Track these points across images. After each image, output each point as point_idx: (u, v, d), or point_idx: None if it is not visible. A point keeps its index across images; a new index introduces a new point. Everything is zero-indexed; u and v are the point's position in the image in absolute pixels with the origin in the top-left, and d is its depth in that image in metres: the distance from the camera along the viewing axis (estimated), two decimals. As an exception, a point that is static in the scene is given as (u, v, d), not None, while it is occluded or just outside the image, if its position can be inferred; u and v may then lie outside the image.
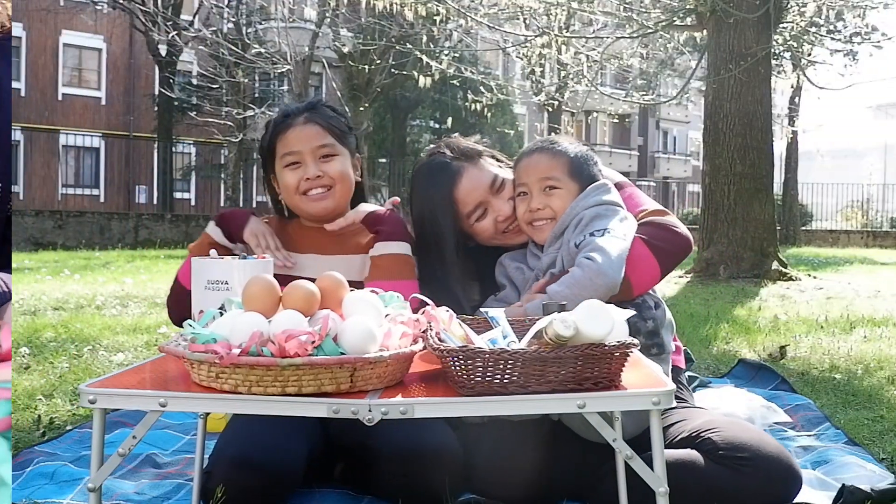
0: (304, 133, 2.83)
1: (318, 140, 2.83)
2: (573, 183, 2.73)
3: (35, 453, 2.97)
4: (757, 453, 2.32)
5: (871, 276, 12.37)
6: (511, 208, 2.82)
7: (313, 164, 2.81)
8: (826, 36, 15.53)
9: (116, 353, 5.04)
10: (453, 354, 1.74)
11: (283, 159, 2.84)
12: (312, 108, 2.90)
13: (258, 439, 2.38)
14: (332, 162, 2.83)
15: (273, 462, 2.36)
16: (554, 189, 2.72)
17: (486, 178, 2.85)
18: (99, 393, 1.72)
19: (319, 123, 2.85)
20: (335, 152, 2.85)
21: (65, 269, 11.85)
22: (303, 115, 2.87)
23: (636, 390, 1.75)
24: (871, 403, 3.84)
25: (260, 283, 1.86)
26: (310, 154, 2.82)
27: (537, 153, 2.79)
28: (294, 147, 2.82)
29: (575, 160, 2.76)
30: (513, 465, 2.44)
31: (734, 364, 4.71)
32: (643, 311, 2.55)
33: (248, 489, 2.31)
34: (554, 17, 14.01)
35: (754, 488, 2.30)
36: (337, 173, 2.83)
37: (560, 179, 2.73)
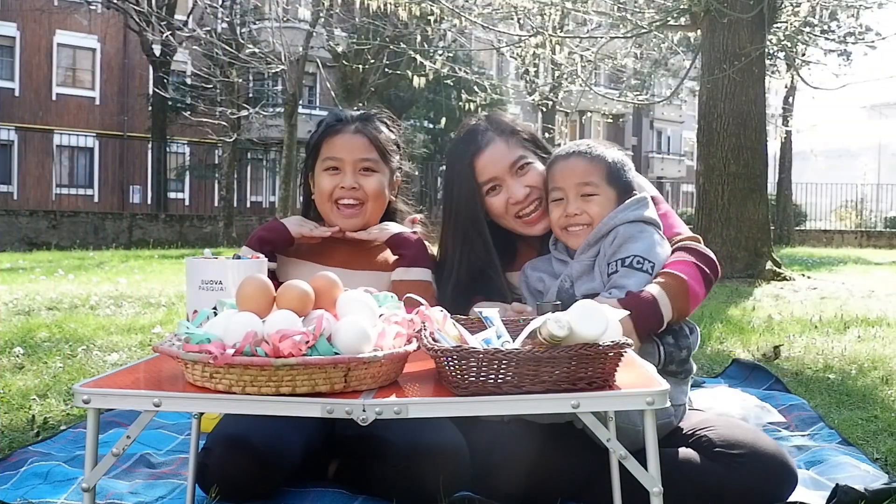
0: (350, 142, 2.86)
1: (362, 153, 2.86)
2: (611, 189, 2.68)
3: (29, 453, 2.97)
4: (752, 450, 2.33)
5: (865, 276, 12.39)
6: (525, 194, 2.79)
7: (352, 174, 2.85)
8: (820, 36, 15.54)
9: (110, 353, 5.04)
10: (447, 354, 1.74)
11: (325, 162, 2.87)
12: (367, 119, 2.93)
13: (256, 423, 2.41)
14: (370, 177, 2.87)
15: (269, 447, 2.39)
16: (592, 196, 2.66)
17: (510, 156, 2.83)
18: (93, 393, 1.72)
19: (368, 136, 2.88)
20: (376, 169, 2.88)
21: (59, 268, 11.84)
22: (355, 123, 2.90)
23: (630, 390, 1.75)
24: (864, 403, 3.85)
25: (254, 283, 1.86)
26: (350, 164, 2.85)
27: (574, 157, 2.71)
28: (337, 153, 2.86)
29: (612, 166, 2.70)
30: (512, 463, 2.44)
31: (728, 364, 4.72)
32: (680, 339, 2.54)
33: (243, 469, 2.36)
34: (548, 17, 14.00)
35: (750, 485, 2.31)
36: (372, 190, 2.87)
37: (598, 185, 2.67)
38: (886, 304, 8.06)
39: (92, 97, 35.86)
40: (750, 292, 9.39)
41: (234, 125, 24.78)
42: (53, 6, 33.38)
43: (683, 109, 46.25)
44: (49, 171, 32.85)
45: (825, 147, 46.86)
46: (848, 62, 26.09)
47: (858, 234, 27.97)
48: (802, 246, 25.43)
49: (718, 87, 11.09)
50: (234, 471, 2.36)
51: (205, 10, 25.15)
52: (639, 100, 18.81)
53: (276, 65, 21.27)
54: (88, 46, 35.55)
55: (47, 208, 26.23)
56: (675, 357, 2.50)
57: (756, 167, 11.20)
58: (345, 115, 2.94)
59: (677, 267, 2.54)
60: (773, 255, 11.55)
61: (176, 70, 31.93)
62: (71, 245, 20.18)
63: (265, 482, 2.42)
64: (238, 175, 29.73)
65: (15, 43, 33.79)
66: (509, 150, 2.83)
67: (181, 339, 1.83)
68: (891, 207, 32.75)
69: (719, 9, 10.85)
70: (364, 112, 2.99)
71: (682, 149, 56.24)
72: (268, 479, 2.42)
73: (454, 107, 26.93)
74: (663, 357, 2.48)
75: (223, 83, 23.42)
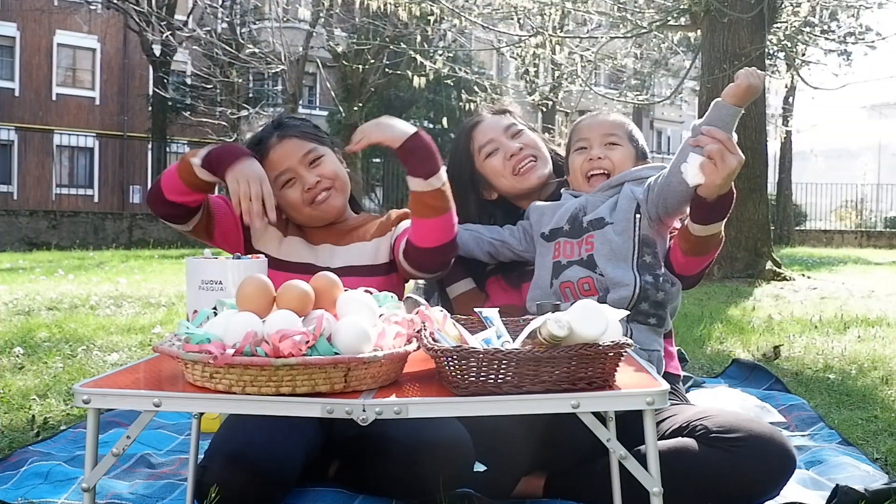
0: (283, 150, 2.86)
1: (301, 150, 2.87)
2: (631, 147, 2.84)
3: (29, 453, 2.97)
4: (749, 433, 2.33)
5: (865, 276, 12.40)
6: (519, 148, 3.01)
7: (306, 172, 2.85)
8: (820, 36, 15.55)
9: (110, 353, 5.04)
10: (447, 354, 1.74)
11: (278, 181, 2.85)
12: (280, 125, 2.95)
13: (254, 438, 2.38)
14: (322, 164, 2.88)
15: (268, 462, 2.35)
16: (615, 145, 2.81)
17: (503, 123, 3.08)
18: (93, 393, 1.72)
19: (293, 135, 2.89)
20: (320, 153, 2.89)
21: (59, 269, 11.84)
22: (273, 134, 2.90)
23: (630, 390, 1.75)
24: (864, 403, 3.85)
25: (254, 283, 1.86)
26: (299, 165, 2.85)
27: (600, 116, 2.91)
28: (282, 166, 2.85)
29: (633, 129, 2.89)
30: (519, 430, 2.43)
31: (728, 364, 4.72)
32: (660, 281, 2.58)
33: (242, 487, 2.31)
34: (548, 17, 14.00)
35: (749, 467, 2.30)
36: (331, 171, 2.88)
37: (622, 138, 2.83)
38: (886, 304, 8.07)
39: (92, 97, 35.84)
40: (750, 292, 9.40)
41: (234, 125, 24.79)
42: (53, 6, 33.36)
43: (683, 109, 46.23)
44: (49, 171, 32.84)
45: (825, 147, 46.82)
46: (848, 62, 26.10)
47: (858, 234, 27.96)
48: (802, 246, 25.43)
49: (718, 87, 11.04)
50: (232, 488, 2.31)
51: (205, 10, 25.18)
52: (639, 100, 18.81)
53: (276, 65, 21.30)
54: (88, 46, 35.53)
55: (47, 208, 26.22)
56: (650, 296, 2.54)
57: (756, 167, 11.20)
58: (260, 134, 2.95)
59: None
60: (773, 255, 11.55)
61: (176, 70, 31.91)
62: (71, 245, 20.18)
63: (265, 499, 2.40)
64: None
65: (15, 43, 33.77)
66: (502, 119, 3.10)
67: (181, 339, 1.83)
68: (891, 207, 32.75)
69: (719, 9, 10.86)
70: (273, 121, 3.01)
71: (682, 149, 56.14)
72: (268, 496, 2.39)
73: (454, 107, 26.93)
74: (638, 291, 2.54)
75: (223, 83, 23.45)
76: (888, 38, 14.97)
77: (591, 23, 16.14)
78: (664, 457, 1.79)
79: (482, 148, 3.04)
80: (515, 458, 2.50)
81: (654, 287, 2.56)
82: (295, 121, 2.99)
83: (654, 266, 2.62)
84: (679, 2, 12.25)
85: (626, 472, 1.79)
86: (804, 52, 16.37)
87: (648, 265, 2.61)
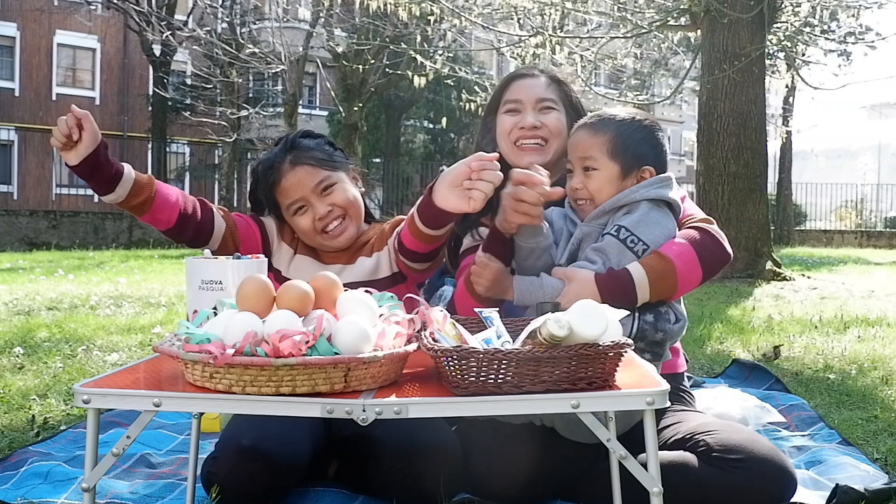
0: (296, 178, 2.84)
1: (313, 179, 2.84)
2: (612, 164, 2.61)
3: (29, 453, 2.97)
4: (750, 454, 2.32)
5: (865, 277, 12.39)
6: (531, 125, 2.87)
7: (318, 202, 2.83)
8: (820, 36, 15.54)
9: (110, 352, 5.04)
10: (447, 354, 1.74)
11: (289, 209, 2.86)
12: (293, 147, 2.90)
13: (265, 429, 2.40)
14: (334, 192, 2.85)
15: (279, 452, 2.38)
16: (591, 170, 2.62)
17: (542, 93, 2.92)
18: (93, 393, 1.72)
19: (306, 163, 2.86)
20: (333, 181, 2.86)
21: (59, 269, 11.84)
22: (286, 160, 2.87)
23: (630, 390, 1.75)
24: (864, 403, 3.85)
25: (254, 282, 1.86)
26: (312, 195, 2.83)
27: (580, 130, 2.69)
28: (294, 195, 2.84)
29: (617, 139, 2.62)
30: (506, 464, 2.44)
31: (728, 364, 4.72)
32: (660, 321, 2.50)
33: (254, 477, 2.35)
34: (548, 17, 14.00)
35: (748, 489, 2.29)
36: (344, 201, 2.86)
37: (598, 160, 2.61)
38: (886, 304, 8.06)
39: (92, 97, 35.83)
40: (750, 292, 9.39)
41: (234, 125, 24.81)
42: (53, 6, 33.38)
43: (683, 109, 46.23)
44: (49, 171, 32.82)
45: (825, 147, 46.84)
46: (848, 62, 26.09)
47: (858, 234, 27.95)
48: (802, 246, 25.43)
49: (718, 87, 11.09)
50: (246, 480, 2.34)
51: (205, 10, 25.18)
52: (639, 100, 18.78)
53: (276, 65, 21.30)
54: (88, 46, 35.54)
55: (47, 208, 26.23)
56: (648, 336, 2.46)
57: (756, 167, 11.20)
58: (272, 158, 2.91)
59: (671, 248, 2.52)
60: (773, 255, 11.55)
61: (176, 70, 31.92)
62: (71, 245, 20.19)
63: (277, 489, 2.41)
64: (238, 175, 29.68)
65: (15, 43, 33.77)
66: (544, 90, 2.94)
67: (181, 339, 1.83)
68: (891, 207, 32.74)
69: (719, 9, 10.86)
70: (285, 141, 2.96)
71: (682, 149, 56.21)
72: (280, 487, 2.41)
73: (454, 107, 26.97)
74: (635, 331, 2.46)
75: (223, 83, 23.45)
76: (888, 38, 14.99)
77: (590, 23, 16.14)
78: (663, 470, 1.78)
79: (507, 102, 2.95)
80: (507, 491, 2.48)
81: (652, 327, 2.47)
82: (309, 142, 2.94)
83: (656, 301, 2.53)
84: (679, 2, 12.25)
85: (626, 472, 1.79)
86: (804, 52, 16.38)
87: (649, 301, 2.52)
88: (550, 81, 2.97)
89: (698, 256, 2.54)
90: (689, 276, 2.52)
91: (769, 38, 12.29)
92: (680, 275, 2.48)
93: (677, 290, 2.51)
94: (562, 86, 2.98)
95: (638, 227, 2.52)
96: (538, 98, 2.91)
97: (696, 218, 2.72)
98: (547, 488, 2.49)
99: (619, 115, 2.70)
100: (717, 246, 2.63)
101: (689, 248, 2.54)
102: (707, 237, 2.61)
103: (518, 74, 3.03)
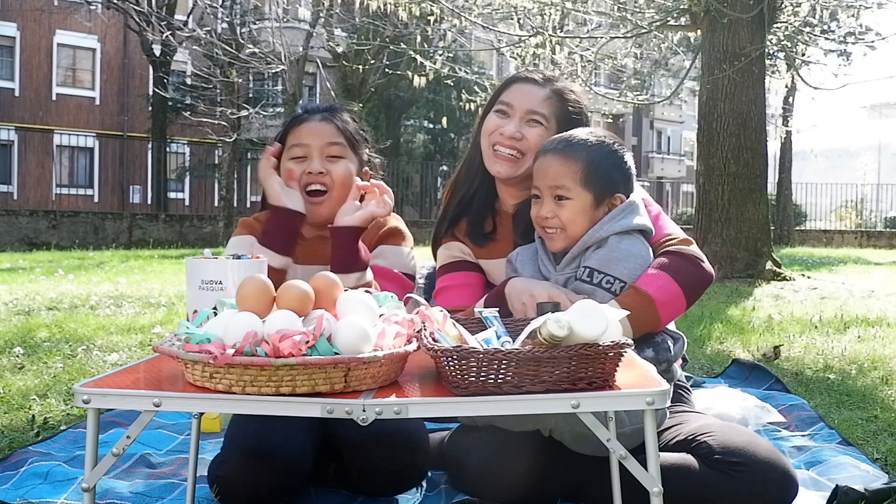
0: (316, 127, 2.81)
1: (329, 137, 2.80)
2: (586, 193, 2.53)
3: (29, 453, 2.97)
4: (751, 458, 2.31)
5: (865, 277, 12.39)
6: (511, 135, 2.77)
7: (319, 159, 2.77)
8: (820, 36, 15.53)
9: (110, 352, 5.04)
10: (447, 354, 1.74)
11: (291, 150, 2.80)
12: (332, 109, 2.90)
13: (269, 429, 2.41)
14: (337, 163, 2.79)
15: (284, 452, 2.39)
16: (564, 199, 2.53)
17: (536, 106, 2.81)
18: (93, 393, 1.72)
19: (335, 123, 2.83)
20: (343, 154, 2.81)
21: (59, 269, 11.84)
22: (321, 112, 2.86)
23: (630, 390, 1.75)
24: (864, 403, 3.85)
25: (254, 282, 1.86)
26: (317, 149, 2.78)
27: (550, 155, 2.57)
28: (304, 140, 2.79)
29: (590, 166, 2.53)
30: (510, 470, 2.44)
31: (728, 364, 4.72)
32: (660, 352, 2.49)
33: (261, 478, 2.35)
34: (548, 17, 14.00)
35: (749, 492, 2.28)
36: (339, 176, 2.78)
37: (570, 189, 2.53)
38: (886, 304, 8.06)
39: (92, 97, 35.86)
40: (750, 292, 9.39)
41: (234, 125, 24.77)
42: (53, 6, 33.39)
43: (683, 109, 46.26)
44: (49, 171, 32.86)
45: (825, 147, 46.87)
46: (848, 62, 26.08)
47: (858, 234, 27.95)
48: (802, 246, 25.44)
49: (718, 87, 11.09)
50: (253, 480, 2.34)
51: (205, 10, 25.16)
52: (639, 100, 18.81)
53: (276, 65, 21.29)
54: (88, 46, 35.55)
55: (47, 208, 26.24)
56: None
57: (756, 167, 11.20)
58: (311, 107, 2.91)
59: (648, 282, 2.48)
60: (773, 255, 11.55)
61: (176, 70, 31.94)
62: (71, 245, 20.19)
63: (283, 490, 2.41)
64: (238, 175, 29.68)
65: (15, 43, 33.79)
66: (540, 104, 2.82)
67: (181, 339, 1.83)
68: (891, 207, 32.76)
69: (719, 9, 10.86)
70: (331, 104, 2.96)
71: (682, 149, 56.25)
72: (286, 487, 2.41)
73: (454, 107, 26.99)
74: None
75: (223, 83, 23.42)
76: (888, 38, 14.96)
77: (590, 23, 16.13)
78: (664, 472, 1.78)
79: (498, 102, 2.87)
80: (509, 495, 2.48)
81: (655, 360, 2.43)
82: (349, 118, 2.91)
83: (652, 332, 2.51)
84: (679, 2, 12.25)
85: (626, 473, 1.79)
86: (804, 52, 16.37)
87: (645, 334, 2.49)
88: (552, 95, 2.83)
89: (678, 284, 2.50)
90: (671, 306, 2.49)
91: (769, 38, 12.29)
92: (661, 306, 2.46)
93: (661, 321, 2.48)
94: (564, 104, 2.84)
95: (609, 264, 2.48)
96: (529, 109, 2.80)
97: (675, 239, 2.66)
98: (550, 492, 2.49)
99: (589, 139, 2.59)
100: (696, 268, 2.59)
101: (667, 278, 2.50)
102: (683, 262, 2.57)
103: (521, 77, 2.92)
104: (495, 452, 2.45)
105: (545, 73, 2.93)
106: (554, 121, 2.81)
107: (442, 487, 2.65)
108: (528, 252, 2.69)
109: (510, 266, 2.72)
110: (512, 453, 2.44)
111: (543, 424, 2.38)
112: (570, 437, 2.37)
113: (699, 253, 2.64)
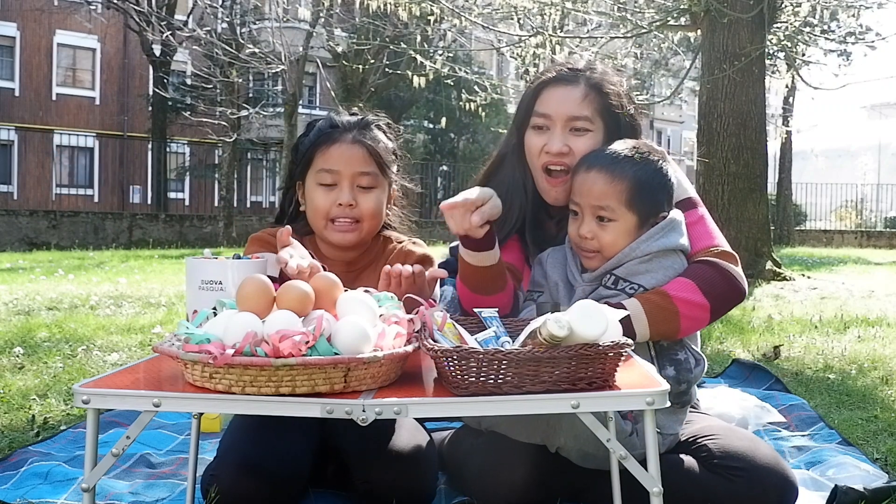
0: (348, 153, 2.63)
1: (361, 166, 2.63)
2: (630, 215, 2.41)
3: (29, 453, 2.97)
4: (750, 464, 2.30)
5: (865, 277, 12.39)
6: (559, 150, 2.56)
7: (349, 190, 2.62)
8: (820, 36, 15.52)
9: (110, 353, 5.04)
10: (447, 355, 1.73)
11: (319, 175, 2.65)
12: (365, 127, 2.71)
13: (263, 443, 2.37)
14: (368, 195, 2.65)
15: (278, 467, 2.35)
16: (608, 221, 2.41)
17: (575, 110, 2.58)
18: (93, 393, 1.72)
19: (367, 147, 2.65)
20: (374, 184, 2.66)
21: (59, 269, 11.83)
22: (353, 132, 2.67)
23: (630, 390, 1.75)
24: (864, 403, 3.85)
25: (254, 283, 1.86)
26: (348, 178, 2.63)
27: (595, 172, 2.42)
28: (334, 165, 2.63)
29: (636, 186, 2.40)
30: (509, 473, 2.43)
31: (728, 364, 4.72)
32: (681, 372, 2.41)
33: (255, 495, 2.30)
34: (548, 17, 13.99)
35: (748, 498, 2.28)
36: (369, 209, 2.65)
37: (615, 210, 2.40)
38: (886, 304, 8.06)
39: (92, 97, 35.85)
40: (750, 292, 9.39)
41: (234, 125, 24.79)
42: (53, 6, 33.39)
43: (683, 109, 46.29)
44: (49, 171, 32.87)
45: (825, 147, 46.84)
46: (848, 62, 26.11)
47: (858, 234, 27.95)
48: (802, 246, 25.42)
49: (718, 87, 11.07)
50: (246, 495, 2.29)
51: (205, 10, 25.18)
52: (639, 100, 18.76)
53: (276, 65, 21.29)
54: (88, 46, 35.54)
55: (47, 208, 26.26)
56: (673, 390, 2.14)
57: (756, 167, 11.19)
58: (341, 122, 2.71)
59: (675, 285, 2.38)
60: (773, 255, 11.54)
61: (176, 70, 31.93)
62: (71, 245, 20.19)
63: (285, 502, 2.38)
64: (238, 175, 29.73)
65: (15, 43, 33.78)
66: (578, 106, 2.60)
67: (181, 339, 1.83)
68: (891, 207, 32.76)
69: (719, 9, 10.85)
70: (362, 118, 2.76)
71: (682, 149, 56.21)
72: (280, 501, 2.36)
73: (454, 107, 26.94)
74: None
75: (223, 83, 23.43)
76: (888, 38, 14.96)
77: (590, 23, 16.12)
78: (665, 473, 1.78)
79: (536, 115, 2.63)
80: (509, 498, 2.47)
81: (675, 380, 2.36)
82: (381, 135, 2.75)
83: (675, 349, 2.43)
84: (679, 2, 12.24)
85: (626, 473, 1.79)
86: (804, 52, 16.36)
87: (667, 351, 2.42)
88: (588, 91, 2.60)
89: (705, 295, 2.39)
90: (693, 313, 2.37)
91: (769, 38, 12.28)
92: (682, 313, 2.34)
93: (680, 329, 2.37)
94: (604, 98, 2.61)
95: (636, 275, 2.40)
96: (570, 116, 2.57)
97: (714, 250, 2.55)
98: (550, 496, 2.48)
99: (634, 156, 2.44)
100: (726, 282, 2.49)
101: (694, 288, 2.38)
102: (715, 273, 2.46)
103: (550, 80, 2.66)
104: (496, 456, 2.44)
105: (571, 64, 2.69)
106: (599, 120, 2.60)
107: (441, 488, 2.65)
108: (559, 255, 2.58)
109: (539, 268, 2.61)
110: (513, 458, 2.43)
111: (551, 442, 2.36)
112: (578, 455, 2.36)
113: (734, 268, 2.52)
